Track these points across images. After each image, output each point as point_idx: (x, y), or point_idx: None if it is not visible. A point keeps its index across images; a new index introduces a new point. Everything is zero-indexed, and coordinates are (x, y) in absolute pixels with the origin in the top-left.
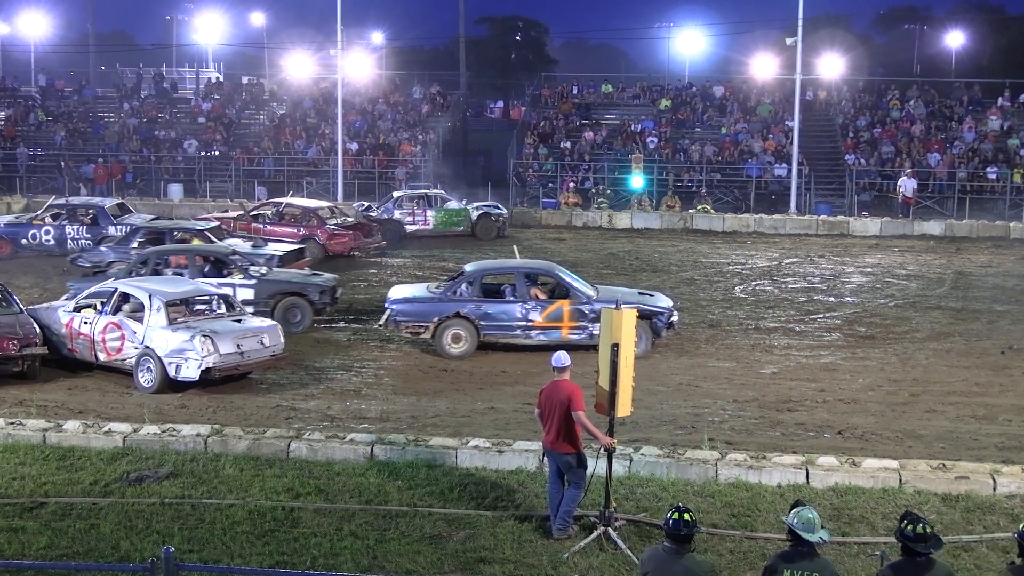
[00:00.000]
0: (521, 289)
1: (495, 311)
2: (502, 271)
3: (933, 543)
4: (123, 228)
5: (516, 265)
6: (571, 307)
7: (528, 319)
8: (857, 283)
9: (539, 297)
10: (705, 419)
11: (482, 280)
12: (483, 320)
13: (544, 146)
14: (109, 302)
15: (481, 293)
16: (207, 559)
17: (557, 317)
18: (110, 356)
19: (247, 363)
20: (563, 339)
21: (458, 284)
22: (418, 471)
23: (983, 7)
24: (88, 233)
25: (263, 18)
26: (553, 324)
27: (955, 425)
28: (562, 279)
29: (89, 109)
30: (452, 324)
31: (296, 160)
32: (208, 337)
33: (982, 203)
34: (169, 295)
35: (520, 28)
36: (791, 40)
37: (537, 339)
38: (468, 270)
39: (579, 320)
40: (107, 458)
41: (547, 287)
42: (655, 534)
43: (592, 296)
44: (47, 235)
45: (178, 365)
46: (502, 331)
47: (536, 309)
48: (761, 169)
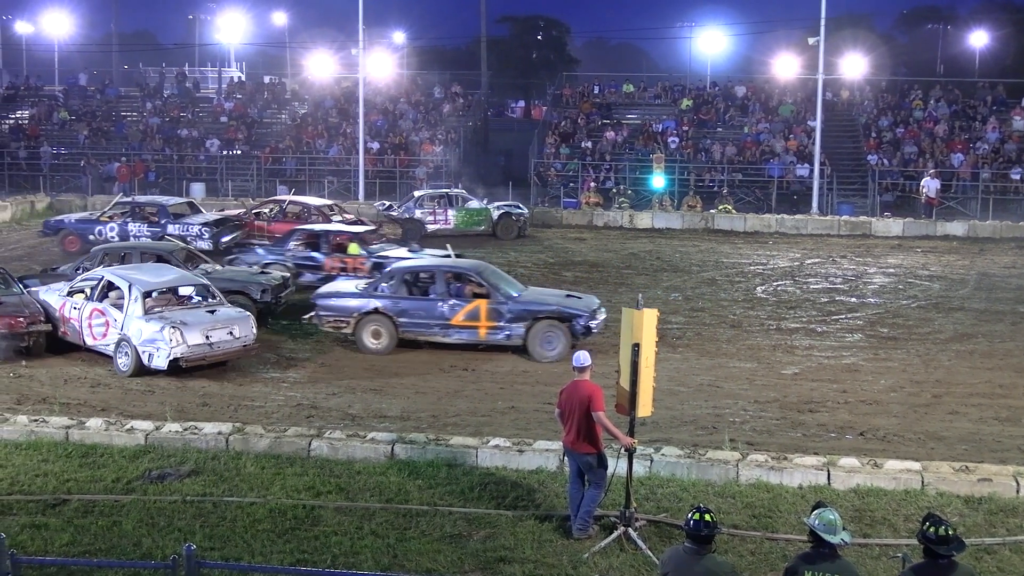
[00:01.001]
0: (440, 287)
1: (413, 308)
2: (423, 269)
3: (955, 545)
4: (182, 227)
5: (436, 263)
6: (488, 307)
7: (446, 317)
8: (879, 284)
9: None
10: (726, 420)
11: (403, 277)
12: (401, 317)
13: (565, 146)
14: (96, 289)
15: (406, 290)
16: (228, 557)
17: (474, 316)
18: (95, 340)
19: (215, 354)
20: (480, 339)
21: (380, 281)
22: (438, 470)
23: (1007, 6)
24: (149, 231)
25: (285, 18)
26: (470, 323)
27: (978, 427)
28: (481, 279)
29: (112, 108)
30: (371, 320)
31: (317, 159)
32: (177, 328)
33: (1006, 204)
34: (148, 285)
35: (541, 27)
36: (813, 40)
37: (455, 338)
38: (392, 267)
39: (496, 320)
40: (129, 456)
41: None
42: (675, 534)
43: (513, 296)
44: (112, 232)
45: (150, 354)
46: (420, 328)
47: (454, 308)
48: (783, 169)
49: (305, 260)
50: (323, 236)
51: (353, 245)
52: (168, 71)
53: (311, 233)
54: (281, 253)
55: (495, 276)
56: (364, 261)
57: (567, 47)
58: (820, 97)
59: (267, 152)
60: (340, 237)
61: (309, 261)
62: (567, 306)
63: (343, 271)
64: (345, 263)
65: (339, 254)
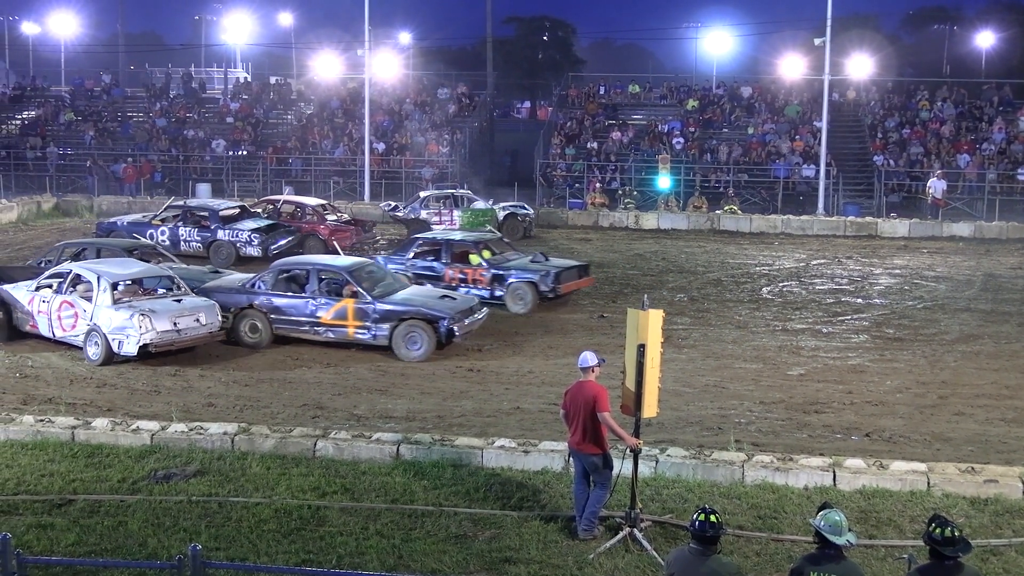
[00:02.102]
0: (313, 286)
1: (285, 306)
2: (299, 266)
3: (961, 547)
4: (232, 232)
5: (312, 261)
6: (355, 306)
7: (315, 316)
8: (885, 285)
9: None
10: (732, 420)
11: (279, 274)
12: (273, 314)
13: (571, 146)
14: (64, 282)
15: (282, 287)
16: (233, 557)
17: (342, 315)
18: (65, 332)
19: (183, 340)
20: (349, 337)
21: (259, 277)
22: (444, 471)
23: (1014, 7)
24: (199, 235)
25: (291, 18)
26: (339, 322)
27: (984, 428)
28: (349, 279)
29: (118, 109)
30: (247, 315)
31: (323, 160)
32: (146, 316)
33: (1012, 204)
34: (115, 276)
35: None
36: (819, 40)
37: (325, 336)
38: (272, 264)
39: (363, 320)
40: (135, 456)
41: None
42: (681, 535)
43: (383, 297)
44: (163, 235)
45: (120, 342)
46: (291, 326)
47: (324, 307)
48: (789, 170)
49: (425, 270)
50: (444, 245)
51: (474, 256)
52: (174, 72)
53: (431, 241)
54: (401, 262)
55: (372, 276)
56: (484, 272)
57: (573, 48)
58: (826, 98)
59: (272, 153)
60: (461, 246)
61: (429, 271)
62: (431, 307)
63: (463, 282)
64: (465, 273)
65: (459, 264)
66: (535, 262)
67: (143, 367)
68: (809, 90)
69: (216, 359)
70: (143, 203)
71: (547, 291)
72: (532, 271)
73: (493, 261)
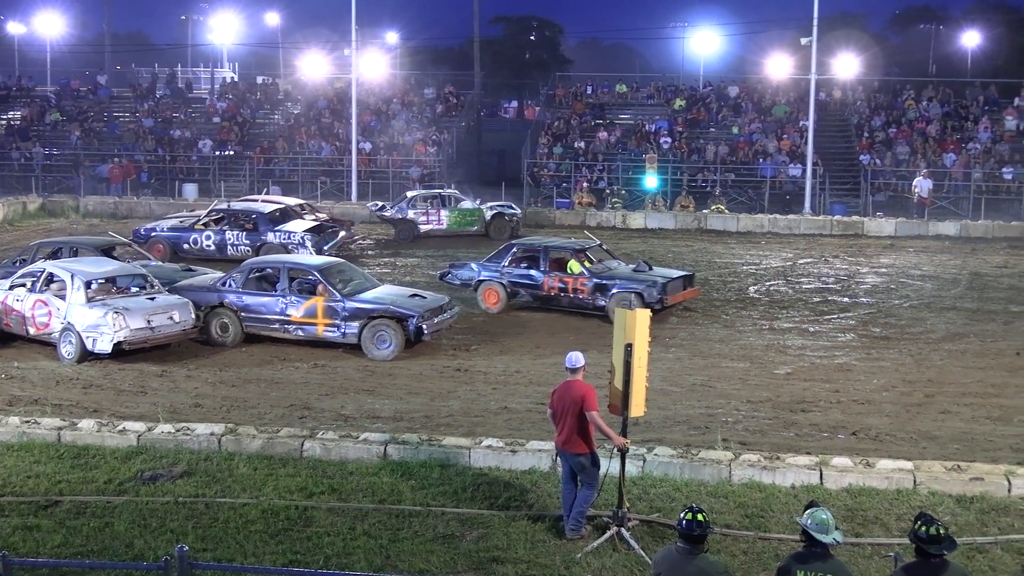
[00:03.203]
0: (283, 284)
1: (255, 304)
2: (270, 265)
3: (947, 544)
4: (283, 235)
5: (283, 260)
6: (325, 304)
7: (286, 314)
8: (872, 284)
9: None
10: (719, 419)
11: (250, 273)
12: (244, 312)
13: (558, 146)
14: (38, 281)
15: (253, 285)
16: (221, 558)
17: (312, 314)
18: (39, 330)
19: (157, 337)
20: (318, 335)
21: (230, 275)
22: (431, 471)
23: (1000, 7)
24: (248, 240)
25: (278, 18)
26: (309, 320)
27: (970, 426)
28: (319, 277)
29: (104, 109)
30: (218, 314)
31: (310, 160)
32: (120, 314)
33: (998, 204)
34: (89, 275)
35: (535, 28)
36: (806, 40)
37: (295, 334)
38: (244, 263)
39: (332, 318)
40: (121, 457)
41: (303, 282)
42: (668, 534)
43: (352, 295)
44: (208, 240)
45: (94, 339)
46: (261, 324)
47: (294, 305)
48: (775, 169)
49: (521, 278)
50: (542, 252)
51: (573, 262)
52: (161, 71)
53: (529, 248)
54: (496, 270)
55: (342, 275)
56: (586, 281)
57: (560, 47)
58: (813, 97)
59: (259, 153)
60: (560, 253)
61: (526, 280)
62: (400, 306)
63: (562, 292)
64: (565, 282)
65: (558, 272)
66: (638, 271)
67: (129, 368)
68: (796, 89)
69: (203, 359)
70: (129, 204)
71: (653, 303)
72: (637, 281)
73: (595, 270)
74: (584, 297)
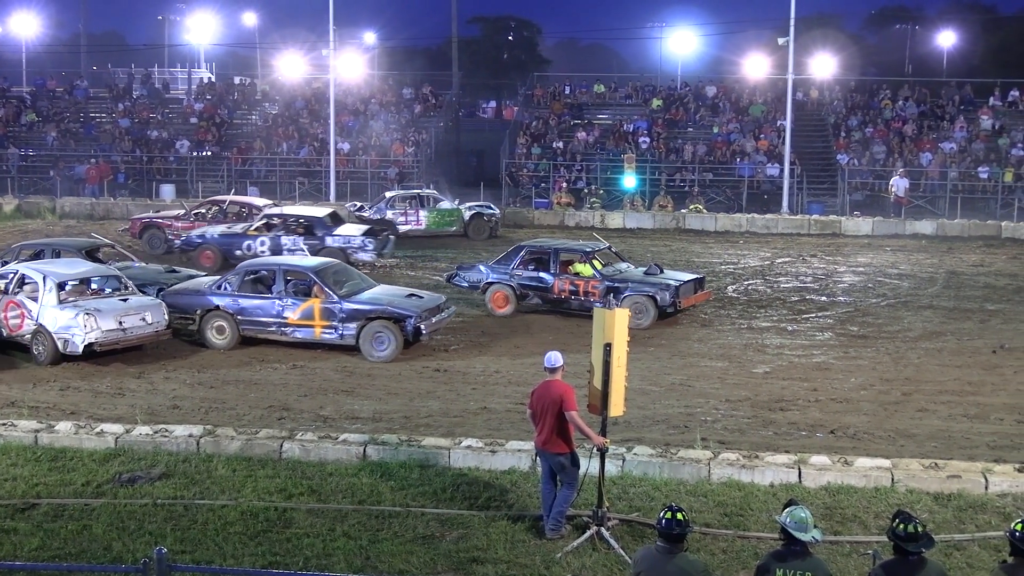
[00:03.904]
0: (279, 286)
1: (251, 307)
2: (265, 267)
3: (925, 542)
4: (342, 239)
5: (278, 262)
6: (322, 306)
7: (283, 316)
8: (849, 282)
9: None
10: (698, 418)
11: (245, 275)
12: (240, 315)
13: (537, 146)
14: (11, 283)
15: (249, 288)
16: (200, 560)
17: (309, 315)
18: (11, 332)
19: (129, 338)
20: (316, 338)
21: (225, 278)
22: (411, 471)
23: (974, 7)
24: (306, 244)
25: (255, 18)
26: (306, 322)
27: (947, 424)
28: (315, 279)
29: (81, 109)
30: (214, 317)
31: (288, 160)
32: (91, 315)
33: (973, 203)
34: (61, 276)
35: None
36: (783, 40)
37: (292, 336)
38: (239, 265)
39: (329, 319)
40: (99, 459)
41: (299, 284)
42: (648, 534)
43: (350, 296)
44: (262, 245)
45: (66, 340)
46: (258, 327)
47: (291, 307)
48: (753, 169)
49: (531, 281)
50: (552, 254)
51: (585, 266)
52: (137, 72)
53: (538, 250)
54: (506, 272)
55: (338, 276)
56: (598, 284)
57: (538, 47)
58: (790, 97)
59: (237, 153)
60: (568, 255)
61: (536, 282)
62: (397, 306)
63: (573, 294)
64: (576, 285)
65: (568, 275)
66: (650, 274)
67: (106, 369)
68: (773, 89)
69: (180, 361)
70: (106, 205)
71: (666, 306)
72: (650, 284)
73: (606, 273)
74: (595, 300)
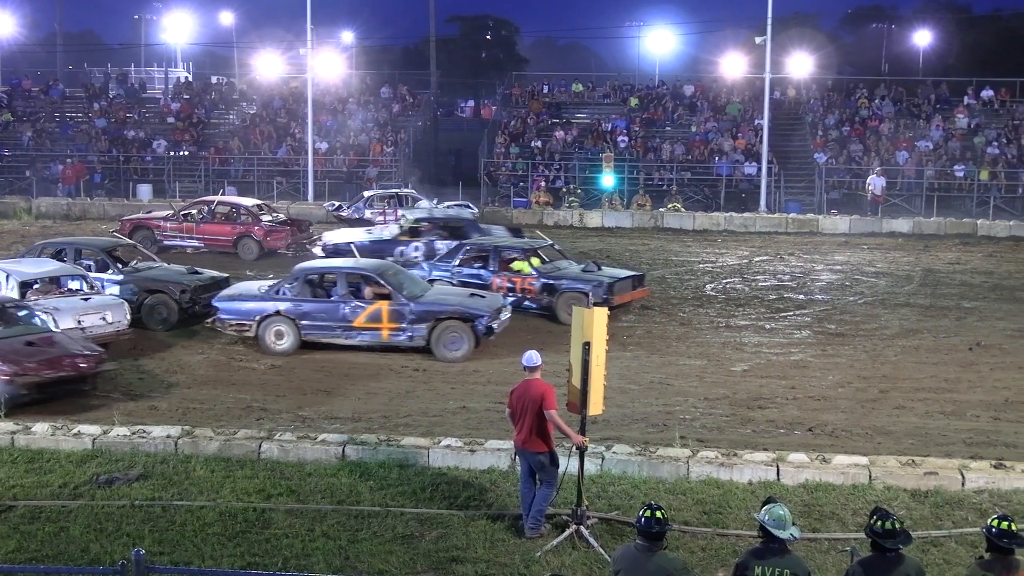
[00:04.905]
0: (343, 289)
1: (315, 310)
2: (325, 271)
3: (902, 539)
4: None
5: (339, 265)
6: (390, 308)
7: (348, 320)
8: (827, 281)
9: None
10: (676, 417)
11: (306, 279)
12: (303, 319)
13: (515, 145)
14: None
15: (308, 292)
16: (178, 561)
17: (376, 318)
18: None
19: (89, 337)
20: (384, 340)
21: (283, 283)
22: (390, 471)
23: (950, 6)
24: None
25: (232, 17)
26: (373, 325)
27: (924, 421)
28: (382, 280)
29: (56, 109)
30: (274, 322)
31: (266, 160)
32: (49, 314)
33: (950, 201)
34: (24, 275)
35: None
36: (760, 39)
37: (358, 340)
38: (295, 267)
39: (398, 322)
40: (76, 460)
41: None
42: (627, 532)
43: (416, 297)
44: (416, 251)
45: None
46: (322, 331)
47: (356, 310)
48: (731, 168)
49: (472, 278)
50: (492, 251)
51: (524, 263)
52: (113, 71)
53: (479, 248)
54: (447, 269)
55: (398, 277)
56: (534, 281)
57: (516, 47)
58: (767, 96)
59: (215, 153)
60: (511, 253)
61: (476, 279)
62: (469, 306)
63: (511, 291)
64: (514, 282)
65: (507, 272)
66: (587, 271)
67: None
68: (750, 88)
69: (157, 361)
70: (83, 205)
71: (600, 303)
72: (584, 280)
73: (544, 270)
74: (533, 297)
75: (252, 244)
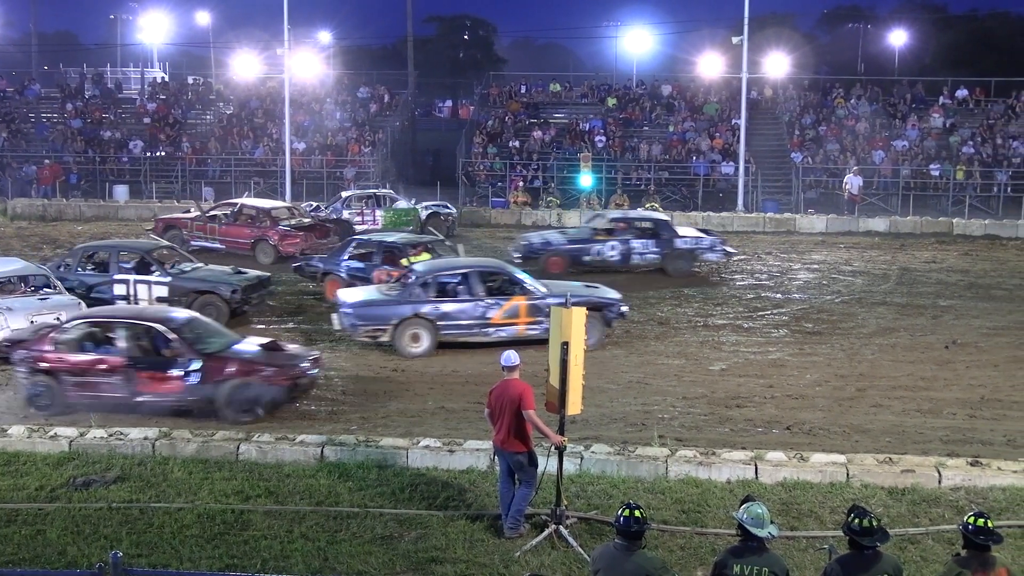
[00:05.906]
0: (475, 288)
1: (453, 311)
2: (455, 269)
3: (880, 536)
4: (693, 241)
5: (468, 263)
6: (527, 303)
7: (486, 317)
8: (804, 280)
9: None
10: (655, 416)
11: (437, 280)
12: (441, 320)
13: (493, 145)
14: None
15: (443, 293)
16: (156, 563)
17: (514, 314)
18: None
19: None
20: (519, 334)
21: (412, 286)
22: (369, 472)
23: (926, 6)
24: (655, 247)
25: (209, 17)
26: (510, 321)
27: (901, 419)
28: (514, 276)
29: (31, 109)
30: (411, 325)
31: (243, 160)
32: (1, 314)
33: (926, 200)
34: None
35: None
36: (737, 39)
37: (495, 336)
38: (420, 270)
39: (535, 315)
40: (53, 463)
41: (496, 284)
42: (606, 531)
43: (545, 292)
44: (612, 250)
45: None
46: (461, 330)
47: (494, 307)
48: (708, 167)
49: (357, 272)
50: (377, 247)
51: (423, 255)
52: (89, 72)
53: (366, 243)
54: (336, 263)
55: (519, 272)
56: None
57: (494, 47)
58: (744, 96)
59: (191, 153)
60: (393, 249)
61: (360, 273)
62: (599, 295)
63: None
64: (391, 276)
65: (388, 266)
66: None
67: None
68: (727, 88)
69: None
70: (59, 206)
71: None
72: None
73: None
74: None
75: (268, 248)
